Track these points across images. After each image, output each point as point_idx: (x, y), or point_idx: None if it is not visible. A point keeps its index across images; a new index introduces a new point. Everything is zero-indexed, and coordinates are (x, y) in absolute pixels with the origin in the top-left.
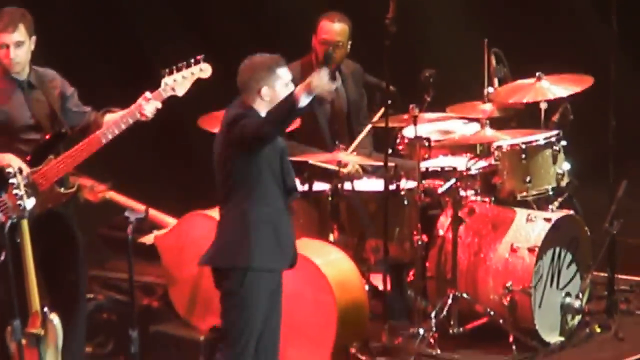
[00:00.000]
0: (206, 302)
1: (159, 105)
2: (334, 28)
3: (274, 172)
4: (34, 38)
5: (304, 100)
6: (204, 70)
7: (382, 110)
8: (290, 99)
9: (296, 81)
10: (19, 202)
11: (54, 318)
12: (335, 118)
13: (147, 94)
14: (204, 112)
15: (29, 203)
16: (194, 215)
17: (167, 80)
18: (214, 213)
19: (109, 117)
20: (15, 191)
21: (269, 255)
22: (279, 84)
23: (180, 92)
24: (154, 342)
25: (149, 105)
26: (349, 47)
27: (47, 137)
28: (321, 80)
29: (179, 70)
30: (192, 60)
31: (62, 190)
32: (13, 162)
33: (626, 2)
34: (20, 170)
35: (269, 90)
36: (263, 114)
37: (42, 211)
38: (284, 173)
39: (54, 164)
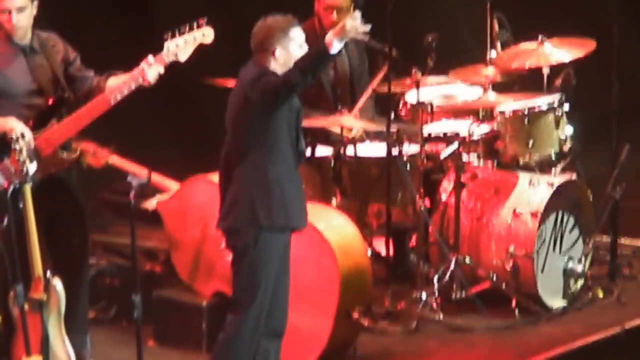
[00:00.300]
0: (209, 267)
1: (162, 70)
2: None
3: (290, 132)
4: (35, 2)
5: (336, 46)
6: (206, 35)
7: (383, 72)
8: (322, 45)
9: None
10: (22, 167)
11: (57, 283)
12: (339, 82)
13: (150, 58)
14: (207, 74)
15: (32, 168)
16: (197, 180)
17: (169, 45)
18: (217, 177)
19: (112, 81)
20: (18, 156)
21: (289, 213)
22: (292, 45)
23: (183, 57)
24: (156, 307)
25: (151, 70)
26: (352, 11)
27: (50, 101)
28: (355, 23)
29: (181, 34)
30: (195, 24)
31: (64, 155)
32: (16, 126)
33: None
34: (23, 135)
35: (282, 51)
36: (278, 73)
37: (44, 176)
38: (298, 133)
39: (56, 128)
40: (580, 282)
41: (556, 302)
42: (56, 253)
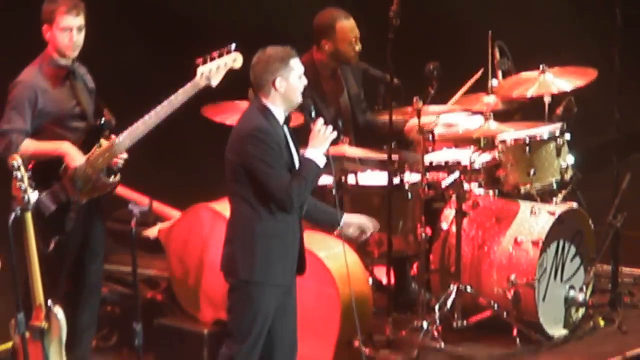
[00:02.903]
0: (210, 295)
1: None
2: (353, 23)
3: None
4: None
5: (322, 159)
6: (236, 60)
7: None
8: (314, 165)
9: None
10: (23, 195)
11: (58, 311)
12: (340, 115)
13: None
14: (208, 102)
15: (33, 196)
16: (198, 208)
17: (203, 69)
18: (218, 206)
19: None
20: (19, 184)
21: (270, 271)
22: (292, 76)
23: (215, 82)
24: (157, 335)
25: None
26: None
27: (95, 124)
28: (323, 131)
29: (212, 59)
30: (225, 50)
31: (107, 180)
32: (70, 150)
33: None
34: (25, 163)
35: (282, 81)
36: (278, 107)
37: (89, 200)
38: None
39: (99, 152)
40: (582, 310)
41: (557, 331)
42: (78, 276)
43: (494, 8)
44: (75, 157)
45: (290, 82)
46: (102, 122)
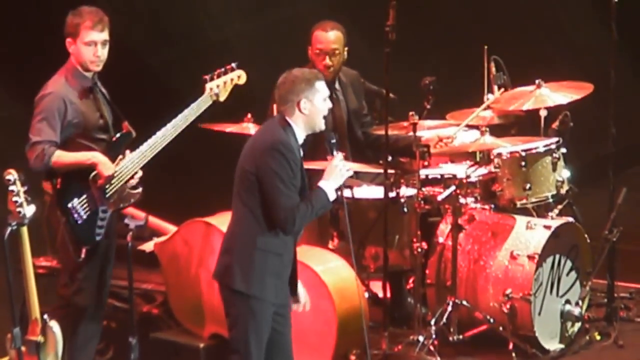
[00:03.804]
0: (206, 309)
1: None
2: (328, 37)
3: None
4: None
5: (334, 193)
6: (241, 77)
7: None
8: (325, 197)
9: None
10: (18, 209)
11: (54, 325)
12: (336, 129)
13: None
14: (206, 118)
15: (29, 210)
16: (194, 223)
17: (211, 85)
18: (214, 220)
19: None
20: (14, 198)
21: (267, 287)
22: (317, 98)
23: (223, 97)
24: (153, 350)
25: None
26: (345, 54)
27: (118, 135)
28: (340, 165)
29: (219, 75)
30: (228, 67)
31: (133, 190)
32: (101, 160)
33: (626, 9)
34: (21, 179)
35: (307, 103)
36: (300, 128)
37: (114, 211)
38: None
39: (124, 163)
40: (578, 325)
41: (553, 345)
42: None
43: (489, 23)
44: (108, 165)
45: (315, 104)
46: (123, 133)
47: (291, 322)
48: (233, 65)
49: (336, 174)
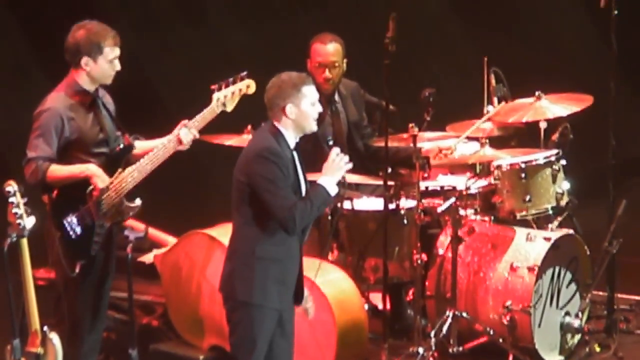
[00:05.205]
0: (206, 321)
1: (197, 135)
2: (327, 49)
3: None
4: None
5: (334, 188)
6: (250, 86)
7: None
8: (325, 192)
9: None
10: (18, 221)
11: (54, 337)
12: (336, 140)
13: (185, 122)
14: (205, 129)
15: (29, 222)
16: (194, 234)
17: (218, 95)
18: (214, 232)
19: (139, 144)
20: (14, 210)
21: (270, 294)
22: (304, 103)
23: (230, 107)
24: None
25: (187, 135)
26: (344, 66)
27: (117, 149)
28: (339, 161)
29: (227, 85)
30: (238, 77)
31: (131, 204)
32: (96, 172)
33: (626, 22)
34: (21, 190)
35: (294, 108)
36: (289, 132)
37: (112, 224)
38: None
39: (123, 177)
40: (577, 337)
41: (553, 357)
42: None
43: (489, 34)
44: (102, 178)
45: (301, 109)
46: (123, 146)
47: (292, 337)
48: (242, 74)
49: (334, 167)
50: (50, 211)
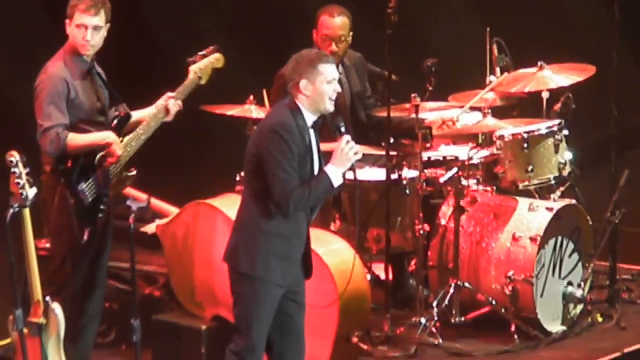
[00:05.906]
0: (208, 292)
1: (181, 106)
2: (335, 23)
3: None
4: (108, 25)
5: (339, 179)
6: (219, 59)
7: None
8: (328, 182)
9: None
10: (21, 191)
11: (56, 307)
12: (339, 111)
13: (170, 94)
14: (207, 98)
15: (31, 192)
16: (196, 205)
17: (194, 68)
18: (217, 202)
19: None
20: (17, 180)
21: (273, 270)
22: (319, 80)
23: (205, 79)
24: (155, 332)
25: (174, 107)
26: (350, 39)
27: (117, 118)
28: (349, 149)
29: (201, 58)
30: (209, 49)
31: (129, 173)
32: (117, 140)
33: None
34: (23, 160)
35: (309, 84)
36: (306, 108)
37: (115, 194)
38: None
39: (123, 146)
40: (580, 307)
41: (555, 327)
42: (90, 269)
43: (491, 5)
44: (121, 145)
45: (317, 86)
46: (122, 117)
47: (305, 308)
48: (213, 48)
49: (342, 157)
50: (65, 179)
